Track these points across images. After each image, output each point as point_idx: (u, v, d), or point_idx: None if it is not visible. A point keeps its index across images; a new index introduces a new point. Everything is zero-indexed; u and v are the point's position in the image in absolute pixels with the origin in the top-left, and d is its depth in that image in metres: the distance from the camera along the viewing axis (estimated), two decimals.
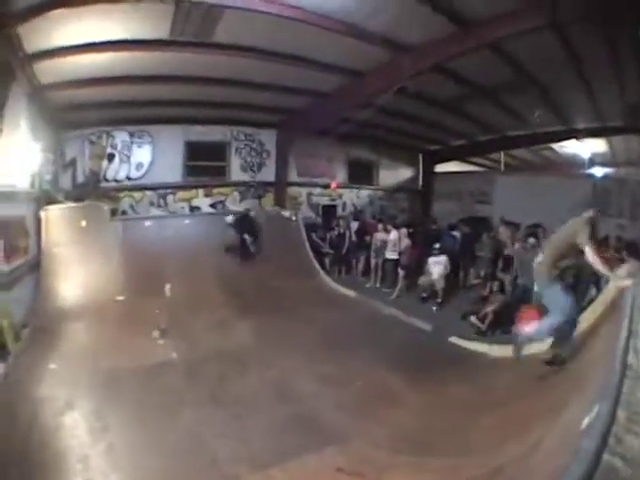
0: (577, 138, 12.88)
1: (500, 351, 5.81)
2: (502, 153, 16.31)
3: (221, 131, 12.76)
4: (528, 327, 4.59)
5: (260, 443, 4.05)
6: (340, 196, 15.13)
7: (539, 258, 4.56)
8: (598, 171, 13.88)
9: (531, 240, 8.17)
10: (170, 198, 12.17)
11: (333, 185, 14.79)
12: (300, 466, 3.68)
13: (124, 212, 11.32)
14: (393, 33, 7.65)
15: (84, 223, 8.93)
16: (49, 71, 7.56)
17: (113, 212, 10.16)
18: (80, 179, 10.95)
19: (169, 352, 6.25)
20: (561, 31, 7.07)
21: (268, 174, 13.51)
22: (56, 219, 8.59)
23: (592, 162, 14.42)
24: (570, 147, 14.27)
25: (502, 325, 7.45)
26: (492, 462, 3.12)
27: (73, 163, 10.85)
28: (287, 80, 9.54)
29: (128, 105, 10.29)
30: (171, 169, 12.18)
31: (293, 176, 13.95)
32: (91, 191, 10.45)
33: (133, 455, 3.95)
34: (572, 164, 15.20)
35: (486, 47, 7.63)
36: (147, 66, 8.31)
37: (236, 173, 13.16)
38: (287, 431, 4.24)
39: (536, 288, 5.07)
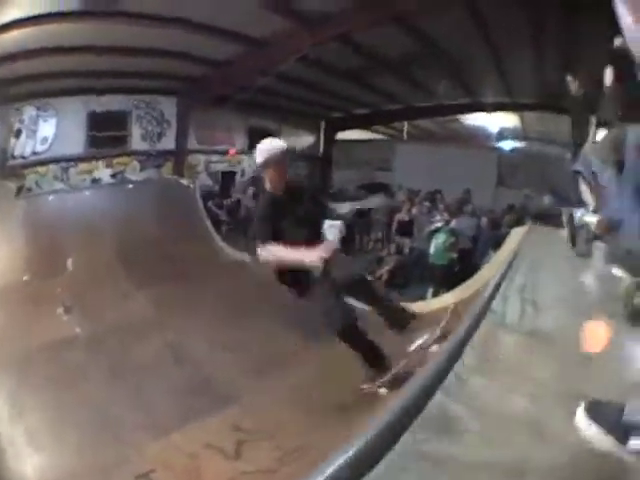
0: (486, 111, 13.15)
1: None
2: (405, 123, 16.63)
3: (123, 101, 12.13)
4: None
5: (161, 410, 4.04)
6: (239, 162, 14.93)
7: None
8: (507, 144, 14.44)
9: (426, 204, 8.64)
10: (72, 171, 11.55)
11: (231, 151, 14.59)
12: (200, 428, 3.72)
13: (29, 189, 10.56)
14: (296, 2, 7.61)
15: None
16: None
17: (19, 190, 9.55)
18: None
19: (74, 328, 5.95)
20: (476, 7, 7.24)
21: (168, 143, 13.09)
22: None
23: (500, 135, 14.84)
24: (478, 120, 14.58)
25: (398, 285, 7.84)
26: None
27: None
28: (187, 47, 9.22)
29: (33, 79, 9.55)
30: (74, 141, 11.53)
31: (193, 144, 13.57)
32: None
33: (48, 434, 3.84)
34: (479, 137, 15.60)
35: (392, 20, 7.74)
36: (49, 39, 7.83)
37: (137, 142, 12.63)
38: (187, 396, 4.23)
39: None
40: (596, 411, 1.43)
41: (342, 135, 17.18)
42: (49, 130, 11.11)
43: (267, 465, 3.27)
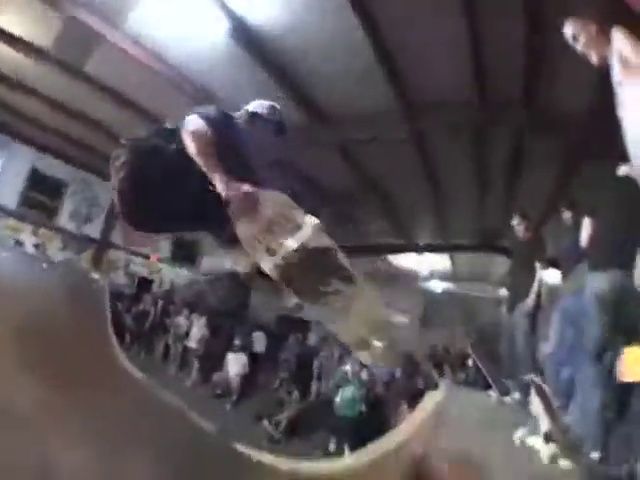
0: (416, 252, 13.01)
1: (289, 465, 5.51)
2: None
3: (66, 170, 11.56)
4: None
5: None
6: (158, 270, 14.13)
7: None
8: (436, 285, 14.49)
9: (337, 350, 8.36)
10: (2, 222, 10.48)
11: (153, 257, 13.87)
12: None
13: None
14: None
15: None
16: None
17: None
18: None
19: None
20: (421, 144, 7.23)
21: (94, 230, 12.20)
22: None
23: (430, 276, 14.76)
24: (407, 260, 14.29)
25: (298, 434, 7.19)
26: None
27: None
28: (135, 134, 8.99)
29: None
30: (10, 193, 10.67)
31: (117, 238, 12.51)
32: None
33: None
34: (407, 277, 15.16)
35: (337, 149, 7.74)
36: (21, 70, 7.50)
37: (65, 218, 11.80)
38: None
39: None
40: None
41: None
42: None
43: None
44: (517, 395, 4.02)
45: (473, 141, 6.95)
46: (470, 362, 7.98)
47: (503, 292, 5.96)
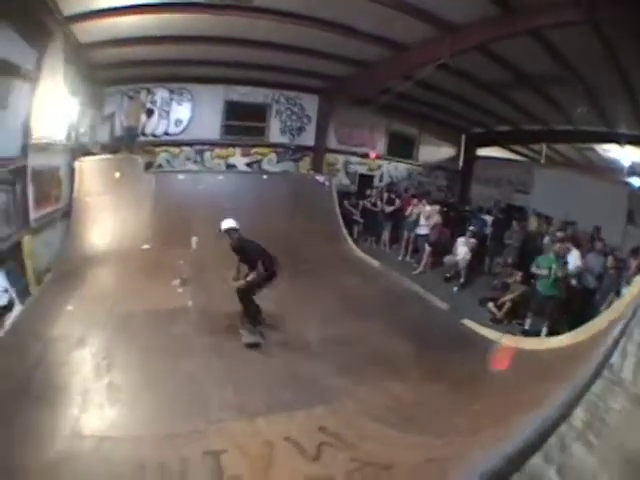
0: (619, 143, 12.12)
1: (510, 341, 5.63)
2: (544, 145, 15.48)
3: (262, 93, 12.78)
4: None
5: (253, 394, 4.18)
6: (379, 167, 14.91)
7: None
8: (637, 181, 12.89)
9: (559, 234, 7.94)
10: (207, 155, 12.45)
11: (372, 155, 14.58)
12: (286, 419, 3.79)
13: (160, 165, 11.65)
14: (439, 10, 7.55)
15: (118, 174, 9.14)
16: (87, 31, 7.72)
17: (148, 165, 10.45)
18: (118, 133, 11.21)
19: (186, 300, 6.46)
20: (601, 29, 6.72)
21: (307, 139, 13.49)
22: (90, 169, 8.80)
23: (632, 170, 13.43)
24: (612, 151, 13.48)
25: (518, 316, 7.28)
26: (460, 448, 3.14)
27: (111, 117, 11.12)
28: (332, 47, 9.43)
29: (168, 64, 10.41)
30: (210, 127, 12.38)
31: (332, 143, 13.86)
32: (128, 144, 10.69)
33: (130, 392, 4.15)
34: (611, 169, 14.29)
35: (530, 35, 7.42)
36: (188, 27, 8.35)
37: (275, 135, 13.21)
38: (283, 387, 4.34)
39: None
40: None
41: (482, 151, 16.50)
42: (184, 113, 12.02)
43: (341, 475, 3.17)
44: None
45: None
46: None
47: None
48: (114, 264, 7.80)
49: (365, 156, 14.55)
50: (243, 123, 12.72)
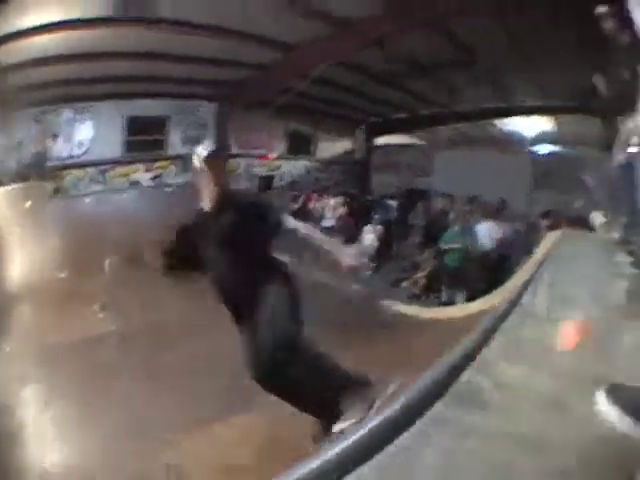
0: (522, 115, 13.07)
1: (430, 313, 6.15)
2: (443, 128, 16.07)
3: (161, 105, 12.35)
4: None
5: (183, 410, 4.11)
6: (278, 167, 15.08)
7: None
8: (542, 148, 14.01)
9: (465, 208, 8.66)
10: (110, 174, 11.84)
11: (270, 157, 14.75)
12: (227, 426, 3.80)
13: (66, 190, 10.99)
14: (330, 7, 7.75)
15: (28, 204, 8.90)
16: None
17: (56, 191, 10.19)
18: (26, 160, 10.52)
19: (108, 325, 6.26)
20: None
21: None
22: None
23: (536, 139, 14.39)
24: (513, 124, 14.31)
25: (434, 290, 7.86)
26: None
27: (20, 144, 10.48)
28: (224, 53, 9.49)
29: (71, 83, 10.00)
30: (112, 145, 11.80)
31: (233, 148, 13.55)
32: (37, 171, 10.26)
33: (75, 425, 4.09)
34: (514, 140, 14.93)
35: (426, 25, 7.88)
36: (88, 44, 8.20)
37: (176, 147, 12.78)
38: (214, 399, 4.25)
39: None
40: (616, 394, 1.52)
41: (381, 140, 17.00)
42: (86, 133, 11.42)
43: None
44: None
45: None
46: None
47: None
48: (35, 297, 7.43)
49: (264, 157, 14.65)
50: (144, 138, 12.27)
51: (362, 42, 8.54)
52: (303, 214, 11.44)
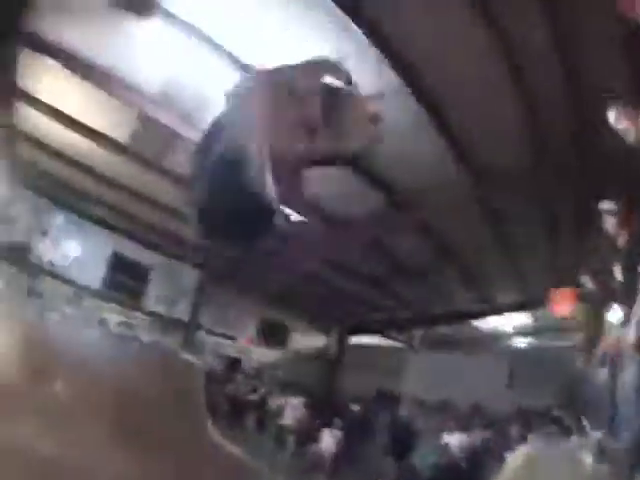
0: (500, 313, 12.90)
1: None
2: (418, 330, 16.41)
3: (149, 254, 12.16)
4: None
5: None
6: (249, 351, 14.87)
7: None
8: (520, 342, 14.14)
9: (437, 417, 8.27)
10: (86, 302, 11.15)
11: (243, 340, 14.62)
12: None
13: (41, 295, 10.25)
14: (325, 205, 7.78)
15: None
16: None
17: (31, 292, 9.80)
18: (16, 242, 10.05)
19: None
20: (489, 205, 7.37)
21: (181, 312, 12.72)
22: None
23: (513, 334, 14.50)
24: (491, 322, 14.12)
25: None
26: None
27: (13, 219, 10.04)
28: None
29: (75, 193, 9.96)
30: (94, 272, 11.34)
31: (204, 321, 13.25)
32: (18, 258, 9.84)
33: None
34: (492, 338, 15.13)
35: (417, 227, 8.04)
36: (103, 164, 8.25)
37: (151, 302, 12.43)
38: None
39: None
40: None
41: (356, 339, 16.66)
42: (73, 250, 11.01)
43: None
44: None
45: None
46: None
47: None
48: None
49: (235, 339, 14.51)
50: (125, 280, 11.91)
51: (354, 242, 8.77)
52: (260, 408, 11.36)
